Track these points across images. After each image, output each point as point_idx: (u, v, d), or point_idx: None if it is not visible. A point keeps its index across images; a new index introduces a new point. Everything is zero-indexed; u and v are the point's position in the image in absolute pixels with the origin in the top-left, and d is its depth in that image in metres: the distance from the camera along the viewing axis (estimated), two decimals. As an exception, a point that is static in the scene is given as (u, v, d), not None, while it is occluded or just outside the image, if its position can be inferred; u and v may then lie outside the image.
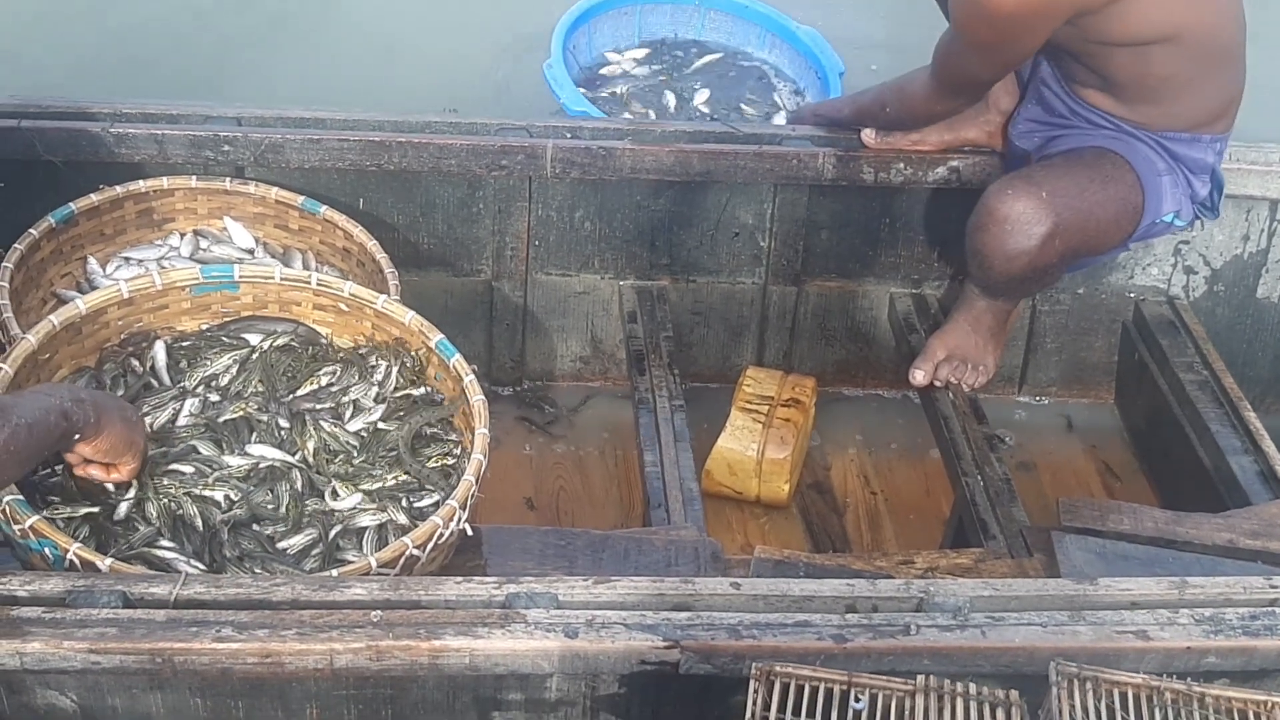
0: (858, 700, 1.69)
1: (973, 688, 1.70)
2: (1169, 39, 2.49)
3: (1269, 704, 1.69)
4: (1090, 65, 2.60)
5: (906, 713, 1.68)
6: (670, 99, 3.49)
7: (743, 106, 3.50)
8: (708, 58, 3.63)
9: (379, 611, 1.81)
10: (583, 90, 3.44)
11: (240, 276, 2.41)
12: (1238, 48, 2.62)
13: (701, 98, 3.50)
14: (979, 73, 2.61)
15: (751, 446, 2.84)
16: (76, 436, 1.90)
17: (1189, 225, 2.81)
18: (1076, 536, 2.33)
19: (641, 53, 3.64)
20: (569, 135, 2.90)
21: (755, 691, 1.67)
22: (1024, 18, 2.40)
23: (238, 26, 4.33)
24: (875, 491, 3.01)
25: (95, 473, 2.01)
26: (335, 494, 2.16)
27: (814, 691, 1.68)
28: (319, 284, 2.40)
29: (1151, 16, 2.47)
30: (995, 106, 2.83)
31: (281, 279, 2.41)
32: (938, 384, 2.89)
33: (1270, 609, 1.93)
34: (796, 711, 1.66)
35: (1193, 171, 2.66)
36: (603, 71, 3.52)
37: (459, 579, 1.88)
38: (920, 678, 1.71)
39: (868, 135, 2.87)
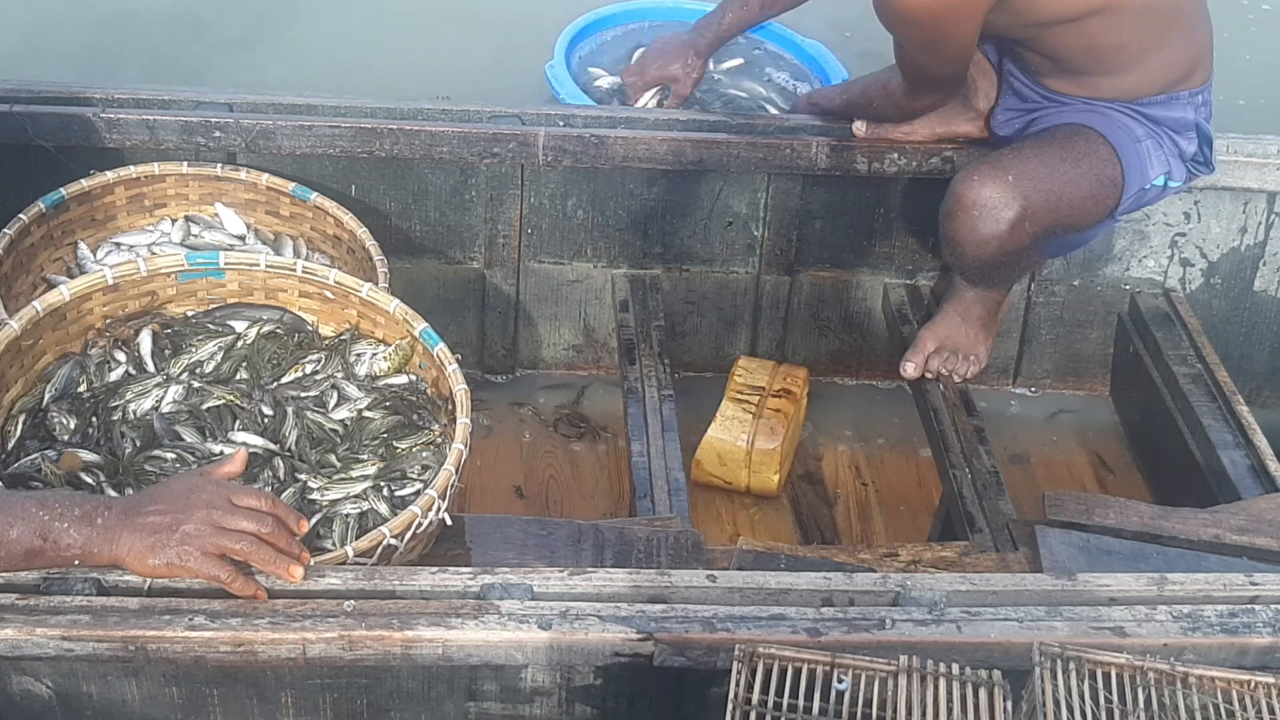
0: (840, 681, 1.68)
1: (955, 668, 1.69)
2: (1103, 9, 2.49)
3: (1252, 683, 1.68)
4: (1040, 50, 2.60)
5: (889, 692, 1.67)
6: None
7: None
8: (731, 62, 3.60)
9: (352, 601, 1.81)
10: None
11: (226, 264, 2.40)
12: (1187, 2, 2.60)
13: (733, 63, 3.47)
14: (932, 69, 2.60)
15: (741, 437, 2.83)
16: (77, 562, 1.75)
17: (1186, 185, 2.78)
18: (1060, 531, 2.32)
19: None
20: (561, 123, 2.89)
21: (739, 673, 1.66)
22: (943, 13, 2.40)
23: (233, 12, 4.33)
24: (866, 482, 3.00)
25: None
26: (319, 486, 2.16)
27: (797, 673, 1.68)
28: (304, 271, 2.40)
29: None
30: (983, 98, 2.82)
31: (267, 266, 2.40)
32: (929, 376, 2.88)
33: (1249, 606, 1.91)
34: (780, 693, 1.66)
35: (1176, 130, 2.65)
36: (597, 83, 3.48)
37: (434, 569, 1.87)
38: (903, 658, 1.70)
39: (858, 127, 2.87)
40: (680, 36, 3.22)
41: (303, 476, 2.17)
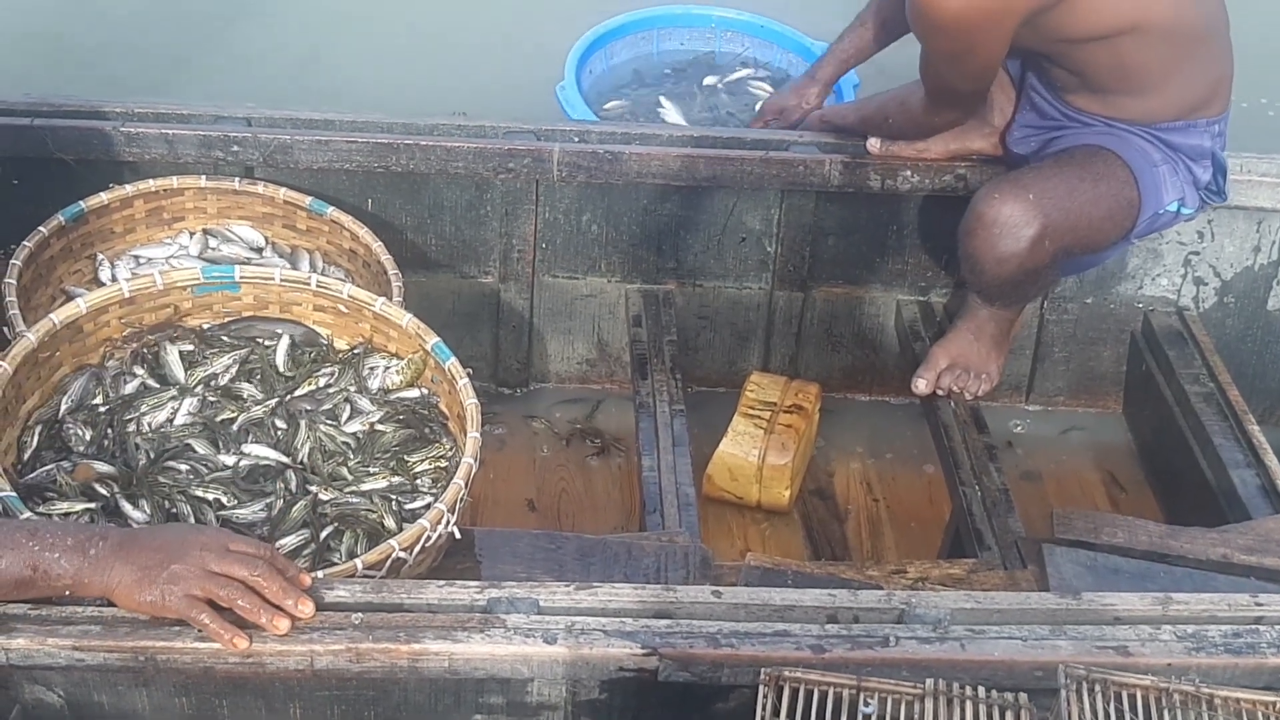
0: (867, 704, 1.69)
1: (981, 691, 1.70)
2: (1133, 29, 2.50)
3: (1278, 705, 1.68)
4: (1066, 66, 2.61)
5: (916, 717, 1.68)
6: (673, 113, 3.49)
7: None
8: (733, 75, 3.63)
9: (360, 614, 1.82)
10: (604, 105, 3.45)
11: (241, 277, 2.43)
12: (1212, 30, 2.62)
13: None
14: (956, 83, 2.61)
15: (753, 452, 2.84)
16: (68, 592, 1.73)
17: (1199, 212, 2.79)
18: (1068, 549, 2.32)
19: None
20: (576, 139, 2.91)
21: (764, 697, 1.67)
22: (974, 23, 2.41)
23: (248, 26, 4.38)
24: (877, 499, 3.01)
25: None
26: (330, 499, 2.18)
27: (823, 696, 1.68)
28: (319, 285, 2.42)
29: (1106, 8, 2.48)
30: (999, 114, 2.82)
31: (281, 280, 2.43)
32: (940, 393, 2.89)
33: (1254, 627, 1.91)
34: (806, 717, 1.66)
35: (1192, 158, 2.66)
36: (606, 107, 3.51)
37: (441, 582, 1.89)
38: (929, 681, 1.70)
39: (873, 144, 2.88)
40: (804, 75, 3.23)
41: (314, 489, 2.19)
